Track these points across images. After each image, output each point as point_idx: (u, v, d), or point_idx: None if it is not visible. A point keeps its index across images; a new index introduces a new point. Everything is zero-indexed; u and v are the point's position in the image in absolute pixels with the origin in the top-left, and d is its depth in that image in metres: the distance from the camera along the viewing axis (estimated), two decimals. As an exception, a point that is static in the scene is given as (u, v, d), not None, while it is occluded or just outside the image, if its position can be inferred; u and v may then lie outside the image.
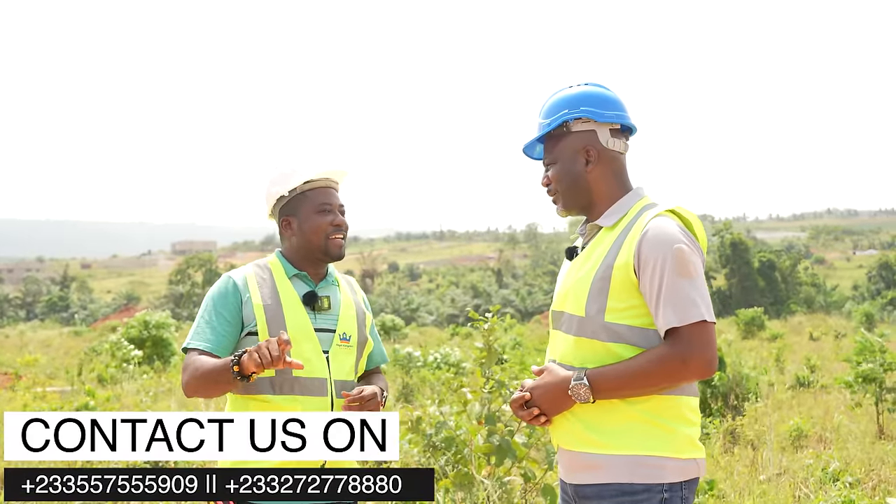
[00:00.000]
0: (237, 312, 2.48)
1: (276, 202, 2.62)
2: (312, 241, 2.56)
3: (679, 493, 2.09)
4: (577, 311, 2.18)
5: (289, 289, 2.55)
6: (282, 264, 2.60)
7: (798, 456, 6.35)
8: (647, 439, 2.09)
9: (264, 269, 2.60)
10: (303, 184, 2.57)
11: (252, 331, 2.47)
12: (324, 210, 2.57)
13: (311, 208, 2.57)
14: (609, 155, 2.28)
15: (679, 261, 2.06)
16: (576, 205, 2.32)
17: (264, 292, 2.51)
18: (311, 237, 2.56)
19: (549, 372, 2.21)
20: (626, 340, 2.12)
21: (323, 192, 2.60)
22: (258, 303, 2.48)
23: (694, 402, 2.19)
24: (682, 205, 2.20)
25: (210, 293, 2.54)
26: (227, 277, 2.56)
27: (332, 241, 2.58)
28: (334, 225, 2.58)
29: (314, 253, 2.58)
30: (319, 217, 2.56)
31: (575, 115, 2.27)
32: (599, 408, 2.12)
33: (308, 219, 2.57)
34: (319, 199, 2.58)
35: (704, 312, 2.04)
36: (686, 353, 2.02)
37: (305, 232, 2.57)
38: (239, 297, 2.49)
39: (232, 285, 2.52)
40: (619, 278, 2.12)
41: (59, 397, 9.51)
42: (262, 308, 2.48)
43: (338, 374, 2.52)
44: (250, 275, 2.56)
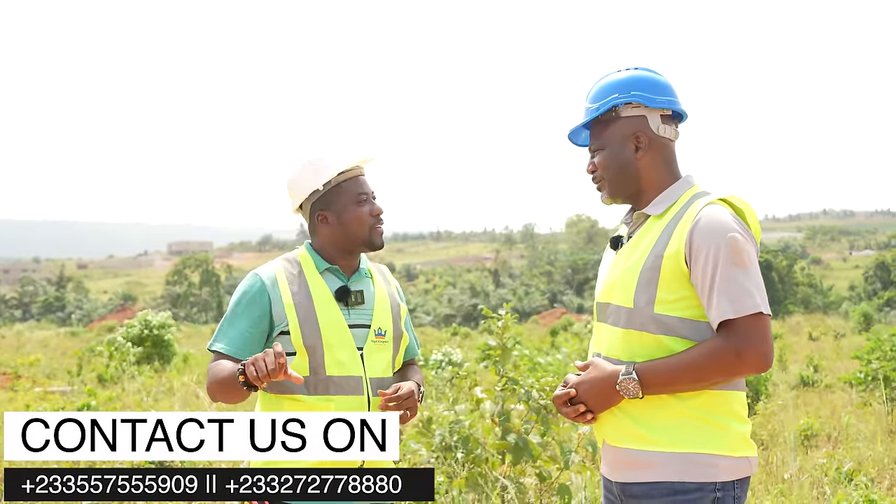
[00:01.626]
0: (265, 313, 2.41)
1: (308, 197, 2.52)
2: (355, 233, 2.49)
3: (732, 492, 2.02)
4: (625, 302, 2.11)
5: (320, 285, 2.47)
6: (312, 258, 2.52)
7: (810, 455, 6.30)
8: (699, 436, 2.02)
9: (293, 263, 2.51)
10: (337, 175, 2.49)
11: (284, 330, 2.40)
12: (362, 200, 2.50)
13: (350, 200, 2.49)
14: (659, 142, 2.21)
15: (733, 250, 1.99)
16: (623, 193, 2.24)
17: (294, 289, 2.43)
18: (353, 229, 2.48)
19: (594, 367, 2.13)
20: (677, 333, 2.05)
21: (358, 182, 2.52)
22: (289, 302, 2.41)
23: (743, 398, 2.12)
24: (735, 193, 2.13)
25: (237, 292, 2.47)
26: (254, 276, 2.47)
27: (374, 230, 2.51)
28: (375, 214, 2.51)
29: (355, 244, 2.51)
30: (359, 208, 2.49)
31: (625, 99, 2.19)
32: (649, 403, 2.06)
33: (347, 210, 2.49)
34: (356, 189, 2.51)
35: (760, 304, 1.97)
36: (741, 346, 1.95)
37: (346, 224, 2.48)
38: (267, 297, 2.41)
39: (259, 284, 2.44)
40: (670, 268, 2.05)
41: (60, 397, 9.45)
42: (293, 307, 2.40)
43: (373, 372, 2.45)
44: (279, 271, 2.47)
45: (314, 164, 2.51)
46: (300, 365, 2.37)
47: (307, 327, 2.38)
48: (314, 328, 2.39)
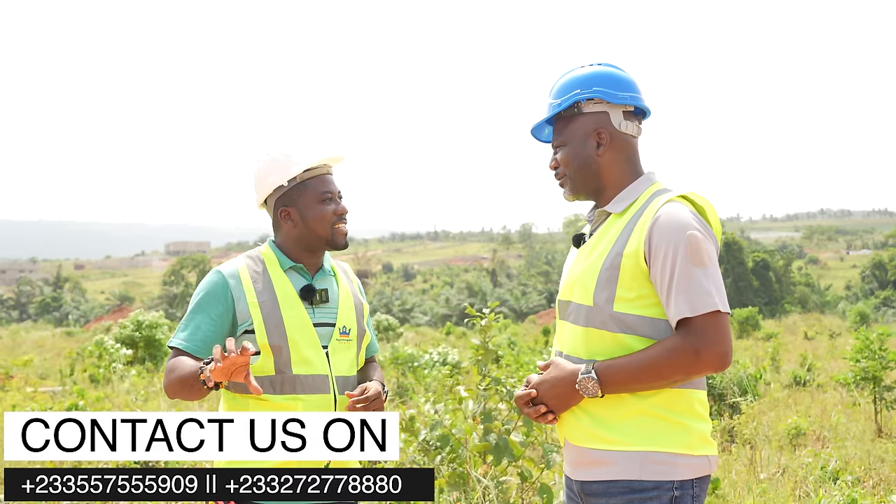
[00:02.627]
0: (228, 310, 2.38)
1: (272, 192, 2.50)
2: (317, 231, 2.46)
3: (690, 490, 2.01)
4: (584, 300, 2.10)
5: (284, 283, 2.44)
6: (276, 256, 2.49)
7: (796, 455, 6.29)
8: (657, 435, 2.01)
9: (257, 261, 2.49)
10: (302, 172, 2.47)
11: (248, 329, 2.37)
12: (326, 199, 2.48)
13: (313, 197, 2.47)
14: (621, 138, 2.19)
15: (692, 248, 1.97)
16: (584, 189, 2.23)
17: (258, 288, 2.40)
18: (315, 227, 2.46)
19: (555, 366, 2.12)
20: (637, 331, 2.04)
21: (323, 180, 2.50)
22: (253, 300, 2.38)
23: (703, 397, 2.11)
24: (695, 190, 2.11)
25: (199, 289, 2.43)
26: (216, 273, 2.44)
27: (337, 229, 2.49)
28: (338, 213, 2.49)
29: (318, 243, 2.48)
30: (322, 206, 2.47)
31: (587, 95, 2.17)
32: (608, 402, 2.04)
33: (310, 208, 2.46)
34: (320, 187, 2.49)
35: (718, 302, 1.95)
36: (699, 345, 1.93)
37: (309, 222, 2.46)
38: (230, 294, 2.38)
39: (222, 282, 2.40)
40: (629, 266, 2.03)
41: (49, 397, 9.42)
42: (257, 306, 2.37)
43: (339, 370, 2.44)
44: (242, 268, 2.44)
45: (280, 160, 2.48)
46: (265, 364, 2.35)
47: (272, 326, 2.36)
48: (279, 327, 2.36)
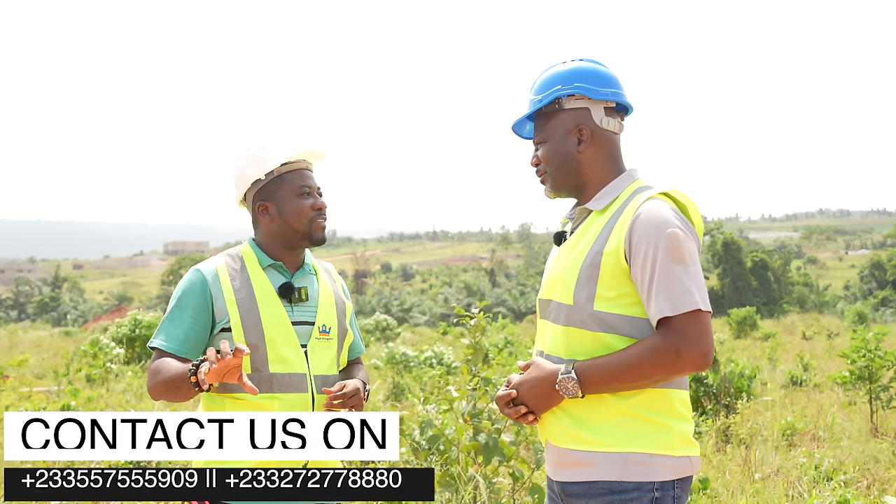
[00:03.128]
0: (206, 309, 2.35)
1: (250, 186, 2.48)
2: (294, 226, 2.43)
3: (671, 491, 1.98)
4: (565, 299, 2.07)
5: (263, 281, 2.41)
6: (255, 254, 2.46)
7: (791, 454, 6.26)
8: (637, 436, 1.98)
9: (236, 259, 2.46)
10: (280, 166, 2.44)
11: (225, 327, 2.34)
12: (303, 193, 2.45)
13: (291, 191, 2.44)
14: (603, 135, 2.16)
15: (673, 246, 1.94)
16: (566, 186, 2.20)
17: (236, 285, 2.38)
18: (292, 222, 2.43)
19: (535, 366, 2.09)
20: (617, 330, 2.01)
21: (300, 175, 2.47)
22: (230, 298, 2.35)
23: (686, 397, 2.08)
24: (676, 188, 2.08)
25: (178, 288, 2.40)
26: (195, 271, 2.41)
27: (315, 224, 2.45)
28: (316, 208, 2.45)
29: (295, 239, 2.45)
30: (300, 200, 2.44)
31: (568, 91, 2.14)
32: (588, 402, 2.02)
33: (287, 202, 2.43)
34: (298, 181, 2.45)
35: (699, 301, 1.93)
36: (680, 344, 1.91)
37: (286, 216, 2.43)
38: (209, 292, 2.36)
39: (201, 280, 2.38)
40: (609, 265, 2.01)
41: (44, 397, 9.39)
42: (234, 303, 2.35)
43: (317, 369, 2.40)
44: (221, 266, 2.42)
45: (257, 155, 2.46)
46: (242, 362, 2.31)
47: (249, 324, 2.33)
48: (256, 325, 2.34)
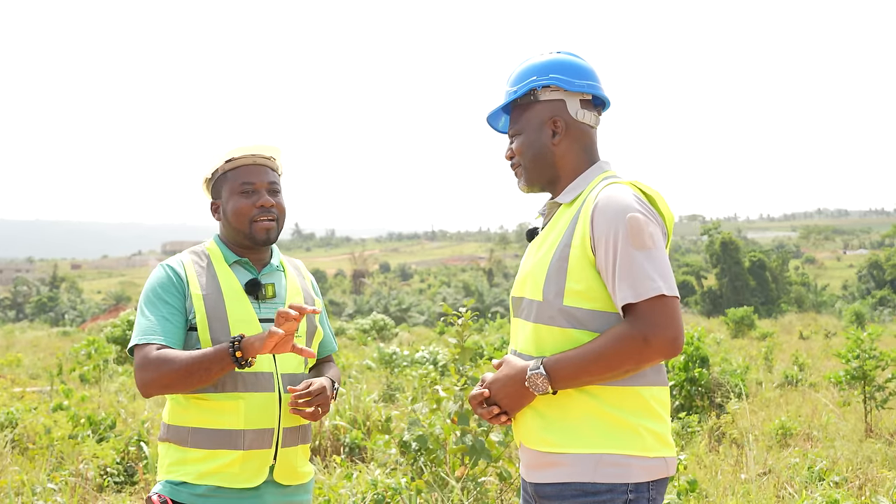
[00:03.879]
0: (180, 301, 2.30)
1: (204, 186, 2.46)
2: (235, 226, 2.37)
3: (646, 493, 1.93)
4: (535, 295, 2.03)
5: (229, 277, 2.36)
6: (221, 250, 2.41)
7: (783, 455, 6.23)
8: (610, 436, 1.93)
9: (202, 255, 2.41)
10: (224, 163, 2.39)
11: (192, 325, 2.28)
12: (245, 190, 2.37)
13: (233, 189, 2.38)
14: (578, 127, 2.12)
15: (633, 230, 1.89)
16: (539, 180, 2.15)
17: (203, 282, 2.32)
18: (233, 221, 2.36)
19: (506, 364, 2.05)
20: (586, 326, 1.96)
21: (246, 171, 2.39)
22: (197, 293, 2.29)
23: (662, 394, 2.03)
24: (643, 181, 2.04)
25: (149, 286, 2.33)
26: (162, 267, 2.35)
27: (256, 224, 2.36)
28: (258, 206, 2.36)
29: (239, 238, 2.39)
30: (242, 198, 2.36)
31: (543, 82, 2.10)
32: (559, 403, 1.97)
33: (229, 200, 2.37)
34: (241, 178, 2.38)
35: (662, 286, 1.87)
36: (647, 331, 1.85)
37: (229, 215, 2.37)
38: (181, 285, 2.31)
39: (173, 273, 2.33)
40: (577, 257, 1.96)
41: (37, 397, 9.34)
42: (201, 299, 2.29)
43: (285, 368, 2.34)
44: (187, 262, 2.37)
45: (213, 153, 2.44)
46: None
47: (215, 321, 2.28)
48: (223, 322, 2.28)
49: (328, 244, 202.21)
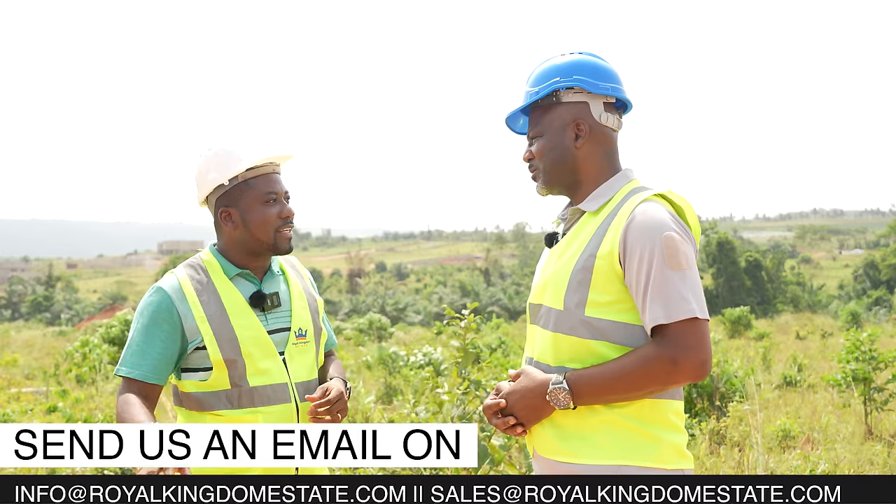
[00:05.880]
0: (175, 330, 2.21)
1: (213, 191, 2.33)
2: (258, 236, 2.30)
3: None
4: (555, 304, 1.99)
5: (232, 292, 2.29)
6: (220, 263, 2.33)
7: (785, 457, 6.20)
8: (628, 448, 1.90)
9: (199, 270, 2.32)
10: (245, 171, 2.30)
11: (199, 346, 2.21)
12: (270, 200, 2.31)
13: (257, 198, 2.30)
14: (601, 131, 2.07)
15: (669, 250, 1.86)
16: (559, 183, 2.11)
17: (204, 300, 2.24)
18: (256, 231, 2.29)
19: (525, 375, 2.01)
20: (608, 337, 1.92)
21: (268, 180, 2.32)
22: (200, 315, 2.21)
23: (679, 407, 2.00)
24: (673, 189, 2.00)
25: (142, 310, 2.25)
26: (158, 290, 2.26)
27: (280, 234, 2.32)
28: (282, 217, 2.32)
29: (260, 248, 2.32)
30: (266, 208, 2.30)
31: (567, 83, 2.05)
32: (578, 413, 1.94)
33: (252, 210, 2.29)
34: (265, 187, 2.31)
35: (696, 308, 1.84)
36: (676, 354, 1.82)
37: (250, 225, 2.29)
38: (176, 313, 2.21)
39: (166, 300, 2.23)
40: (603, 269, 1.92)
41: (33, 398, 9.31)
42: (205, 320, 2.21)
43: (298, 377, 2.30)
44: (185, 281, 2.27)
45: (221, 157, 2.32)
46: (220, 379, 2.21)
47: (224, 340, 2.21)
48: (232, 341, 2.21)
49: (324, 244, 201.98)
